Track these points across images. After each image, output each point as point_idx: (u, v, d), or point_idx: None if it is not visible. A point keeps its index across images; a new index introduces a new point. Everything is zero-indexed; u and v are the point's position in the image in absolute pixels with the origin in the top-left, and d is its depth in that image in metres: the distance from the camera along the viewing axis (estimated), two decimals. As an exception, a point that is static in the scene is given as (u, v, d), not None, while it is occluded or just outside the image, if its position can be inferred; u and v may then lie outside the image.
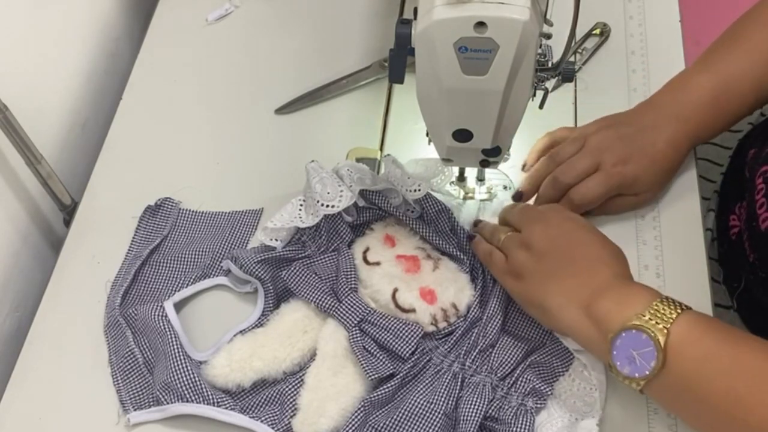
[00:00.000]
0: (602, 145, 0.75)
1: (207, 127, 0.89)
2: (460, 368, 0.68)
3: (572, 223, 0.68)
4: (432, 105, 0.65)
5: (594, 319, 0.62)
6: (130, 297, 0.76)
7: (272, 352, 0.69)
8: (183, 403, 0.67)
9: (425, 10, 0.58)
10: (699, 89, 0.75)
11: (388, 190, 0.74)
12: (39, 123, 0.83)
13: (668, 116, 0.75)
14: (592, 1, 0.90)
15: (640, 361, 0.59)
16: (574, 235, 0.67)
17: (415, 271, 0.72)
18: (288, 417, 0.67)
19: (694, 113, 0.75)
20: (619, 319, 0.60)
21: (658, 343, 0.58)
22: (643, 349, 0.59)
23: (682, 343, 0.58)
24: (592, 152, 0.74)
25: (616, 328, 0.60)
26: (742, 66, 0.75)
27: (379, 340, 0.69)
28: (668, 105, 0.76)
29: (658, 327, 0.58)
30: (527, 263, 0.67)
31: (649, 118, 0.76)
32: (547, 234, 0.67)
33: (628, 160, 0.74)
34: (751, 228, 0.74)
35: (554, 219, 0.69)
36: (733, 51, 0.76)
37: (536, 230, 0.67)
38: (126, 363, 0.71)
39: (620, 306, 0.61)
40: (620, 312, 0.61)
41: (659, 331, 0.58)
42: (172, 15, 0.99)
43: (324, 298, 0.71)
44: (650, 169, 0.74)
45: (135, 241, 0.80)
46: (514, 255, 0.68)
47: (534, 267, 0.66)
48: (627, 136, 0.75)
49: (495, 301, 0.70)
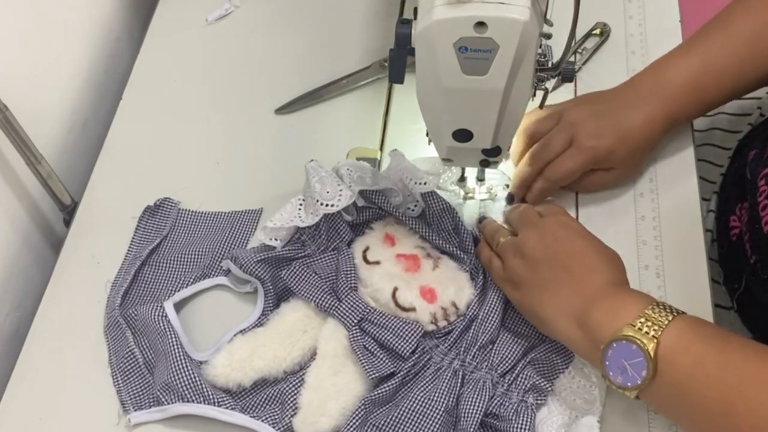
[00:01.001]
0: (577, 120, 0.75)
1: (207, 127, 0.89)
2: (460, 365, 0.68)
3: (567, 230, 0.68)
4: (432, 105, 0.65)
5: (587, 330, 0.62)
6: (130, 297, 0.76)
7: (273, 351, 0.70)
8: (184, 403, 0.67)
9: (425, 10, 0.58)
10: (678, 71, 0.76)
11: (389, 189, 0.74)
12: (39, 123, 0.83)
13: (645, 95, 0.75)
14: (592, 1, 0.90)
15: (632, 372, 0.59)
16: (569, 243, 0.67)
17: (415, 270, 0.72)
18: (289, 416, 0.67)
19: (672, 94, 0.75)
20: (610, 329, 0.60)
21: (648, 353, 0.58)
22: (634, 360, 0.59)
23: (673, 352, 0.58)
24: (567, 128, 0.75)
25: (607, 338, 0.60)
26: (724, 51, 0.75)
27: (380, 339, 0.69)
28: (646, 85, 0.76)
29: (648, 336, 0.58)
30: (522, 272, 0.67)
31: (626, 95, 0.77)
32: (542, 242, 0.67)
33: (602, 135, 0.74)
34: (753, 229, 0.74)
35: (550, 225, 0.68)
36: (716, 36, 0.76)
37: (531, 237, 0.67)
38: (126, 363, 0.71)
39: (611, 316, 0.61)
40: (611, 323, 0.61)
41: (649, 341, 0.58)
42: (172, 15, 0.99)
43: (324, 298, 0.71)
44: (624, 145, 0.74)
45: (134, 241, 0.80)
46: (509, 263, 0.68)
47: (529, 276, 0.66)
48: (602, 112, 0.75)
49: (494, 296, 0.70)
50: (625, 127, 0.74)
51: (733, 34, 0.76)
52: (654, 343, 0.58)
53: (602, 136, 0.74)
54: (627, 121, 0.74)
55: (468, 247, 0.74)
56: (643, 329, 0.59)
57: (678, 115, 0.76)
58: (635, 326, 0.59)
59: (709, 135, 0.92)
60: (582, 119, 0.75)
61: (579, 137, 0.74)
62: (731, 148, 0.89)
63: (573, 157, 0.74)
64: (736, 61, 0.75)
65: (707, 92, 0.76)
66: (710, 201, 0.87)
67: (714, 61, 0.75)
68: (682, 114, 0.77)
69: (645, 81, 0.77)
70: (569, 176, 0.75)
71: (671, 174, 0.80)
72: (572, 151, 0.74)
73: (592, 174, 0.76)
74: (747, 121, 0.90)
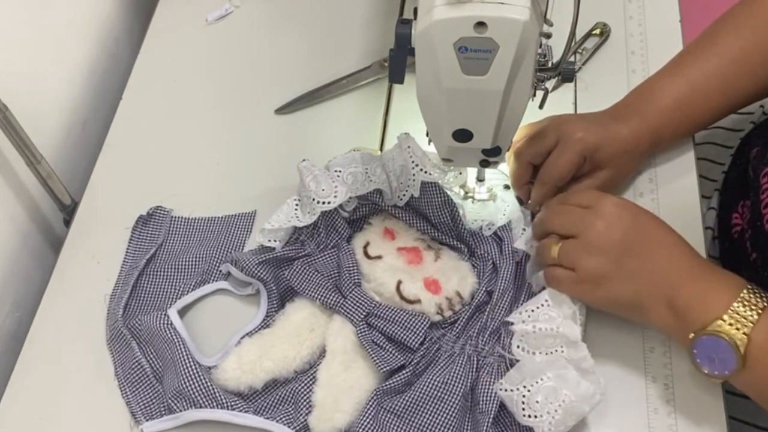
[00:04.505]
0: (564, 120, 0.75)
1: (207, 127, 0.89)
2: (473, 350, 0.68)
3: (627, 211, 0.66)
4: (432, 105, 0.65)
5: (677, 313, 0.63)
6: (131, 309, 0.75)
7: (282, 351, 0.70)
8: (196, 409, 0.67)
9: (425, 10, 0.58)
10: (663, 92, 0.76)
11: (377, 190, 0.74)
12: (39, 123, 0.83)
13: (631, 113, 0.76)
14: (592, 1, 0.90)
15: (720, 363, 0.61)
16: (638, 224, 0.65)
17: (418, 263, 0.72)
18: (303, 415, 0.67)
19: (659, 114, 0.75)
20: (700, 319, 0.61)
21: (738, 350, 0.59)
22: (723, 354, 0.60)
23: (763, 348, 0.59)
24: (555, 128, 0.74)
25: (697, 328, 0.61)
26: (710, 70, 0.75)
27: (388, 333, 0.69)
28: (634, 105, 0.77)
29: (738, 335, 0.60)
30: (605, 268, 0.64)
31: (613, 112, 0.77)
32: (613, 232, 0.65)
33: (590, 130, 0.73)
34: (755, 227, 0.74)
35: (610, 211, 0.65)
36: (702, 55, 0.76)
37: (599, 231, 0.65)
38: (133, 374, 0.71)
39: (701, 302, 0.62)
40: (701, 310, 0.62)
41: (739, 339, 0.59)
42: (172, 15, 0.99)
43: (329, 295, 0.71)
44: (613, 144, 0.74)
45: (129, 252, 0.79)
46: (584, 264, 0.65)
47: (613, 270, 0.64)
48: (590, 118, 0.76)
49: (503, 283, 0.71)
50: (612, 132, 0.74)
51: (719, 52, 0.76)
52: (744, 340, 0.59)
53: (590, 131, 0.73)
54: (615, 129, 0.74)
55: (464, 237, 0.74)
56: (734, 325, 0.60)
57: (665, 134, 0.77)
58: (724, 322, 0.60)
59: (711, 134, 0.92)
60: (569, 120, 0.76)
61: (567, 132, 0.73)
62: (733, 147, 0.89)
63: (563, 152, 0.73)
64: (723, 80, 0.75)
65: (695, 111, 0.76)
66: (711, 198, 0.87)
67: (701, 81, 0.75)
68: (670, 133, 0.77)
69: (632, 102, 0.77)
70: (563, 173, 0.74)
71: (671, 173, 0.80)
72: (561, 146, 0.73)
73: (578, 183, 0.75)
74: (749, 119, 0.90)
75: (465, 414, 0.66)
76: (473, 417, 0.66)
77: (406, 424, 0.65)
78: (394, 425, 0.65)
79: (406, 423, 0.65)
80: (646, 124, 0.75)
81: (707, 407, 0.66)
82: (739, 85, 0.76)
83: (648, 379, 0.68)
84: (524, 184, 0.77)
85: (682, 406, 0.66)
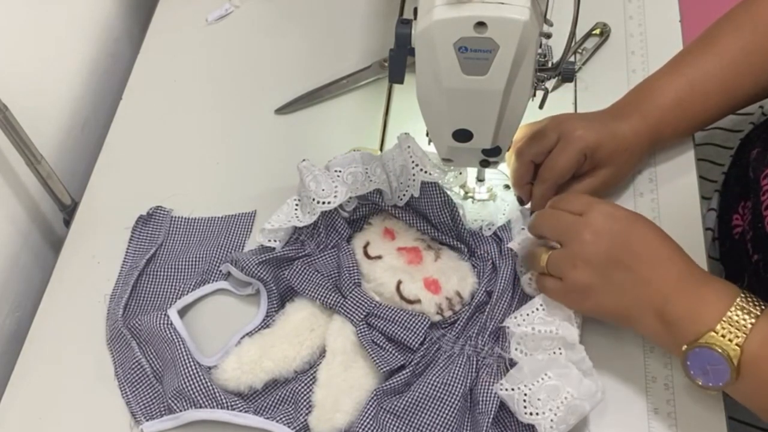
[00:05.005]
0: (565, 119, 0.75)
1: (207, 127, 0.89)
2: (473, 350, 0.68)
3: (619, 222, 0.65)
4: (432, 105, 0.65)
5: (668, 325, 0.62)
6: (131, 309, 0.75)
7: (282, 351, 0.70)
8: (196, 409, 0.67)
9: (425, 10, 0.58)
10: (663, 90, 0.76)
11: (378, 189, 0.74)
12: (39, 123, 0.83)
13: (631, 111, 0.76)
14: (592, 1, 0.90)
15: (714, 375, 0.60)
16: (628, 236, 0.64)
17: (418, 263, 0.72)
18: (303, 415, 0.67)
19: (658, 113, 0.75)
20: (692, 330, 0.61)
21: (731, 361, 0.59)
22: (716, 366, 0.60)
23: (757, 359, 0.59)
24: (555, 126, 0.75)
25: (690, 340, 0.61)
26: (709, 69, 0.75)
27: (388, 333, 0.69)
28: (633, 103, 0.77)
29: (731, 345, 0.59)
30: (591, 280, 0.64)
31: (613, 110, 0.77)
32: (600, 243, 0.63)
33: (590, 128, 0.74)
34: (756, 228, 0.74)
35: (598, 222, 0.64)
36: (702, 54, 0.77)
37: (585, 242, 0.64)
38: (133, 374, 0.71)
39: (692, 313, 0.61)
40: (693, 321, 0.61)
41: (732, 350, 0.59)
42: (172, 15, 0.99)
43: (329, 295, 0.71)
44: (613, 141, 0.74)
45: (129, 252, 0.79)
46: (571, 276, 0.64)
47: (600, 282, 0.64)
48: (591, 116, 0.76)
49: (502, 283, 0.71)
50: (613, 130, 0.74)
51: (718, 52, 0.76)
52: (737, 351, 0.59)
53: (590, 129, 0.74)
54: (615, 127, 0.75)
55: (465, 237, 0.74)
56: (726, 336, 0.59)
57: (664, 133, 0.77)
58: (717, 333, 0.59)
59: (711, 134, 0.92)
60: (570, 118, 0.76)
61: (567, 130, 0.73)
62: (733, 147, 0.89)
63: (563, 150, 0.73)
64: (723, 80, 0.75)
65: (695, 110, 0.76)
66: (711, 199, 0.87)
67: (701, 80, 0.75)
68: (669, 132, 0.77)
69: (632, 100, 0.77)
70: (564, 171, 0.74)
71: (671, 173, 0.80)
72: (561, 144, 0.73)
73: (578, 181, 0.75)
74: (749, 120, 0.90)
75: (465, 414, 0.66)
76: (473, 417, 0.66)
77: (405, 424, 0.65)
78: (394, 425, 0.65)
79: (405, 423, 0.65)
80: (646, 122, 0.75)
81: (707, 407, 0.66)
82: (739, 86, 0.76)
83: (648, 379, 0.68)
84: (525, 184, 0.77)
85: (682, 406, 0.66)
